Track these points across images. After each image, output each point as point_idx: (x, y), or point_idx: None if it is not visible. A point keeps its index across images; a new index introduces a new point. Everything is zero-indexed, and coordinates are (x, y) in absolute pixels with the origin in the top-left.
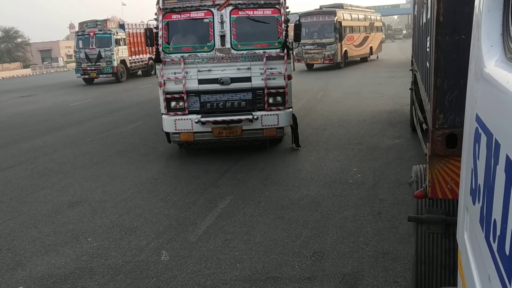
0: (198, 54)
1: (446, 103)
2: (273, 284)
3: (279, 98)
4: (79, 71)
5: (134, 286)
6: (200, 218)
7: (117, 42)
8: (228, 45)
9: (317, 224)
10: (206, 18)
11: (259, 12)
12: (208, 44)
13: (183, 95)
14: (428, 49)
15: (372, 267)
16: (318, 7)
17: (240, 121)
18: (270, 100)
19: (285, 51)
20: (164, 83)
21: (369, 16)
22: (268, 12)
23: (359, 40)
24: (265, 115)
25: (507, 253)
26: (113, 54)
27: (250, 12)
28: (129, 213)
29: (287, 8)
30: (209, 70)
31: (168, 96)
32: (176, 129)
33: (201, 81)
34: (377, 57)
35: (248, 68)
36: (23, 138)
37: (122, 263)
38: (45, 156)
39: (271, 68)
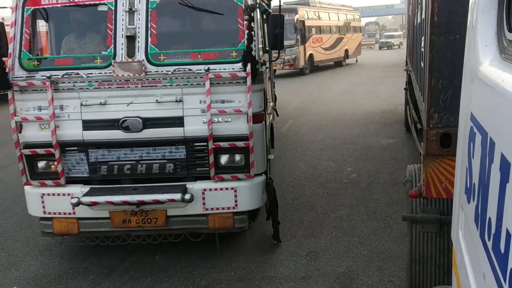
0: (83, 72)
1: (440, 102)
2: (268, 284)
3: (237, 158)
4: None
5: (128, 285)
6: None
7: None
8: (140, 56)
9: (312, 224)
10: (103, 4)
11: None
12: (103, 53)
13: (53, 150)
14: (422, 49)
15: (366, 266)
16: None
17: (159, 202)
18: (222, 161)
19: (249, 67)
20: (20, 127)
21: (344, 15)
22: None
23: (330, 42)
24: (210, 189)
25: (502, 251)
26: None
27: None
28: None
29: None
30: (102, 104)
31: (27, 151)
32: (45, 212)
33: (87, 124)
34: (356, 60)
35: (178, 101)
36: None
37: (117, 263)
38: None
39: (222, 101)
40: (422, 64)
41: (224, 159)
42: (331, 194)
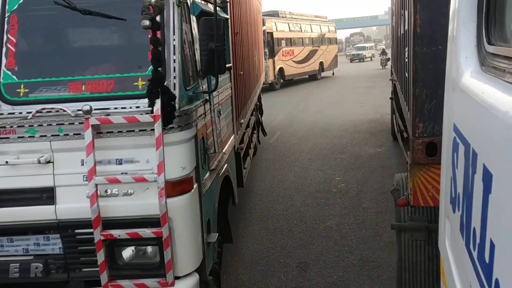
0: None
1: (425, 112)
2: None
3: (150, 252)
4: None
5: None
6: None
7: None
8: None
9: (302, 234)
10: None
11: None
12: None
13: None
14: (406, 60)
15: (357, 276)
16: None
17: None
18: (123, 257)
19: (159, 105)
20: None
21: (318, 27)
22: None
23: (303, 54)
24: None
25: (487, 261)
26: None
27: None
28: None
29: None
30: None
31: None
32: None
33: None
34: (333, 73)
35: (43, 162)
36: None
37: None
38: None
39: (119, 162)
40: (406, 74)
41: (126, 254)
42: (321, 204)
